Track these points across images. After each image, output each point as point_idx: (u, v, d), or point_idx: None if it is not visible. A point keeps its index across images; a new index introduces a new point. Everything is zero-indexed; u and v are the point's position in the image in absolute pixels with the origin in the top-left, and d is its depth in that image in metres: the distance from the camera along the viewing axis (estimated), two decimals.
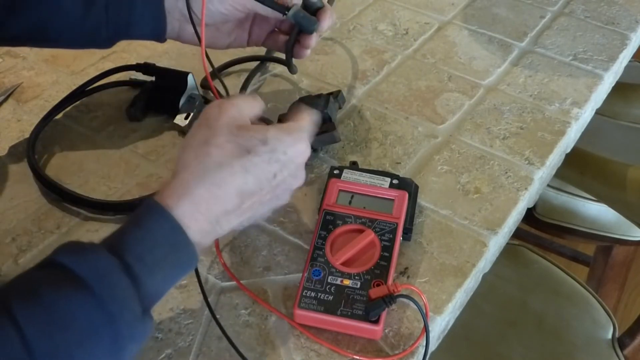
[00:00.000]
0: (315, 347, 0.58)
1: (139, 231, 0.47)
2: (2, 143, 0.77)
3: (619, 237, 1.22)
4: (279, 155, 0.53)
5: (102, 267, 0.45)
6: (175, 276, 0.49)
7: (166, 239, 0.48)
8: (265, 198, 0.53)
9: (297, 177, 0.56)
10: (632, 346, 1.02)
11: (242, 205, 0.52)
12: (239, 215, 0.52)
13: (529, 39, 0.95)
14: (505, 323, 1.02)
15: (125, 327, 0.44)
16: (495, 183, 0.73)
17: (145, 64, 0.83)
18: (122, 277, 0.45)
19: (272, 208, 0.56)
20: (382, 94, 0.84)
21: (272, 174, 0.53)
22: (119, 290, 0.45)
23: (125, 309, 0.44)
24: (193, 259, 0.50)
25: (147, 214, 0.48)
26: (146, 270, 0.46)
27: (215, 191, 0.50)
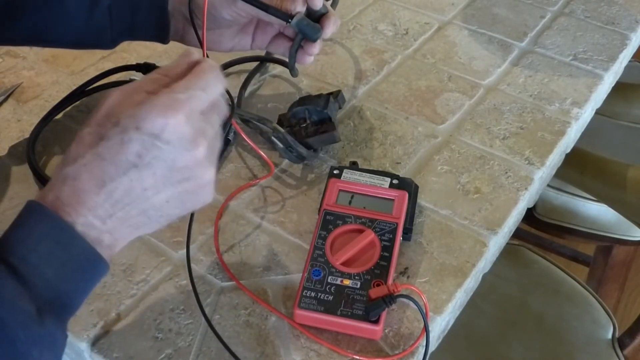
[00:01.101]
0: (315, 347, 0.58)
1: (21, 232, 0.46)
2: (2, 143, 0.77)
3: (619, 237, 1.22)
4: (132, 134, 0.46)
5: None
6: (74, 274, 0.47)
7: (48, 235, 0.46)
8: (147, 183, 0.48)
9: (179, 158, 0.48)
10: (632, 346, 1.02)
11: (113, 195, 0.47)
12: (123, 207, 0.48)
13: (529, 39, 0.95)
14: (505, 323, 1.02)
15: (19, 329, 0.43)
16: (495, 183, 0.73)
17: (145, 64, 0.83)
18: (6, 279, 0.44)
19: (186, 203, 0.51)
20: (382, 94, 0.84)
21: (133, 154, 0.47)
22: (5, 292, 0.43)
23: (15, 311, 0.43)
24: (90, 254, 0.47)
25: (26, 214, 0.47)
26: (32, 269, 0.45)
27: (76, 185, 0.47)
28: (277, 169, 0.74)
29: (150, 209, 0.49)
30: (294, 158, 0.73)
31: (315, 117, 0.74)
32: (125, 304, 0.61)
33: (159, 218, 0.50)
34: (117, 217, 0.48)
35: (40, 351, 0.45)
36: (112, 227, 0.48)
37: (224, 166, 0.74)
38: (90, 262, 0.48)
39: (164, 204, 0.50)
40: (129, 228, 0.50)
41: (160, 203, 0.49)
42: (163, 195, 0.49)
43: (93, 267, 0.48)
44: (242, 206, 0.70)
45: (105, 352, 0.58)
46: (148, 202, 0.49)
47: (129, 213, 0.48)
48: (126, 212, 0.48)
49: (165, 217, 0.51)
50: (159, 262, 0.65)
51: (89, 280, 0.49)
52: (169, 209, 0.50)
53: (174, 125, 0.47)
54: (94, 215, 0.47)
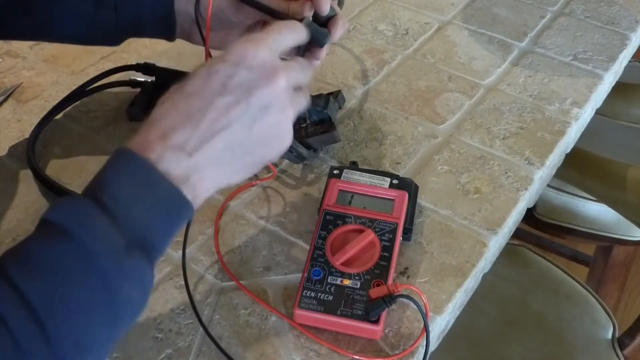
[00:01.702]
0: (315, 347, 0.58)
1: (110, 173, 0.48)
2: (2, 143, 0.77)
3: (619, 237, 1.22)
4: (217, 65, 0.51)
5: (76, 210, 0.45)
6: (160, 216, 0.48)
7: (136, 177, 0.47)
8: (231, 112, 0.50)
9: (260, 84, 0.51)
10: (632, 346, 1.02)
11: (199, 125, 0.49)
12: (209, 137, 0.49)
13: (529, 39, 0.95)
14: (505, 323, 1.02)
15: (109, 263, 0.44)
16: (495, 183, 0.73)
17: (145, 64, 0.83)
18: (97, 215, 0.45)
19: (268, 141, 0.53)
20: (382, 94, 0.85)
21: (218, 83, 0.50)
22: (96, 227, 0.45)
23: (106, 245, 0.44)
24: (176, 197, 0.48)
25: (115, 157, 0.49)
26: (121, 206, 0.46)
27: (163, 122, 0.49)
28: (277, 169, 0.74)
29: (235, 143, 0.50)
30: (293, 158, 0.73)
31: (315, 117, 0.74)
32: None
33: (243, 157, 0.51)
34: (204, 151, 0.49)
35: (131, 286, 0.45)
36: (199, 163, 0.49)
37: None
38: (176, 205, 0.48)
39: (247, 138, 0.51)
40: (215, 167, 0.50)
41: (244, 136, 0.51)
42: (246, 126, 0.50)
43: (178, 210, 0.49)
44: (242, 206, 0.70)
45: None
46: (233, 134, 0.50)
47: (215, 146, 0.49)
48: (212, 145, 0.49)
49: (250, 157, 0.52)
50: (159, 262, 0.65)
51: (174, 223, 0.49)
52: (252, 144, 0.51)
53: (254, 53, 0.51)
54: (181, 148, 0.48)
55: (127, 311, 0.46)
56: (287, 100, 0.53)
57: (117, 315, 0.45)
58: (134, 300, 0.46)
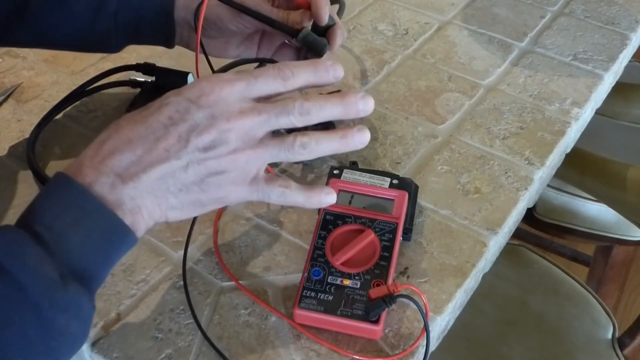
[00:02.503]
0: (315, 347, 0.58)
1: (46, 200, 0.47)
2: (2, 143, 0.77)
3: (619, 237, 1.22)
4: (171, 98, 0.49)
5: (8, 241, 0.44)
6: (99, 243, 0.47)
7: (73, 204, 0.46)
8: (169, 144, 0.48)
9: (207, 127, 0.48)
10: (632, 346, 1.02)
11: (136, 152, 0.48)
12: (144, 167, 0.48)
13: (529, 39, 0.95)
14: (505, 323, 1.02)
15: (42, 296, 0.43)
16: (495, 183, 0.73)
17: (145, 64, 0.83)
18: (30, 246, 0.44)
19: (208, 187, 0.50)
20: (382, 94, 0.85)
21: (166, 116, 0.48)
22: (28, 259, 0.43)
23: (38, 277, 0.43)
24: (115, 224, 0.47)
25: (53, 184, 0.47)
26: (55, 236, 0.45)
27: (103, 146, 0.48)
28: (277, 169, 0.74)
29: (171, 179, 0.48)
30: None
31: None
32: (125, 304, 0.61)
33: (180, 195, 0.49)
34: (138, 179, 0.47)
35: (67, 318, 0.44)
36: (134, 191, 0.47)
37: None
38: (114, 232, 0.47)
39: (184, 177, 0.49)
40: (151, 198, 0.48)
41: (181, 174, 0.49)
42: (183, 164, 0.48)
43: (117, 237, 0.47)
44: (242, 206, 0.70)
45: (105, 352, 0.58)
46: (170, 168, 0.48)
47: (150, 177, 0.48)
48: (147, 176, 0.48)
49: (187, 197, 0.50)
50: (159, 262, 0.65)
51: (112, 250, 0.48)
52: (189, 185, 0.49)
53: (210, 94, 0.48)
54: (116, 174, 0.47)
55: (65, 344, 0.45)
56: (237, 154, 0.49)
57: (54, 349, 0.45)
58: (72, 333, 0.45)
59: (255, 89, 0.50)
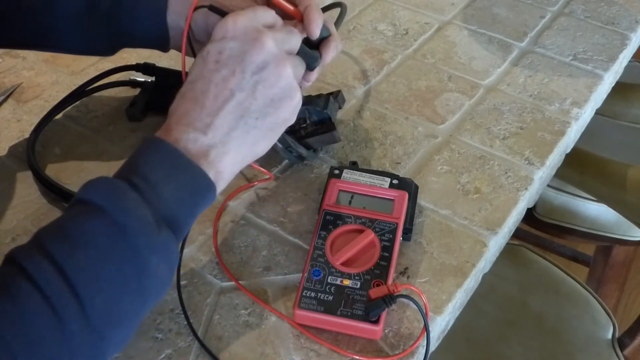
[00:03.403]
0: (315, 347, 0.58)
1: (141, 157, 0.51)
2: (2, 143, 0.77)
3: (619, 237, 1.22)
4: (208, 48, 0.54)
5: (109, 188, 0.48)
6: (185, 192, 0.51)
7: (165, 160, 0.51)
8: (230, 83, 0.53)
9: (248, 50, 0.54)
10: (632, 346, 1.02)
11: (205, 104, 0.53)
12: (217, 112, 0.53)
13: (529, 39, 0.95)
14: (505, 323, 1.02)
15: (140, 236, 0.47)
16: (495, 183, 0.73)
17: (145, 64, 0.83)
18: (128, 192, 0.48)
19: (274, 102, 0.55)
20: (382, 94, 0.85)
21: (212, 62, 0.53)
22: (127, 202, 0.47)
23: (136, 219, 0.47)
24: (196, 173, 0.51)
25: (143, 145, 0.52)
26: (150, 187, 0.49)
27: (177, 112, 0.53)
28: (277, 169, 0.74)
29: (244, 111, 0.53)
30: (293, 158, 0.73)
31: (315, 117, 0.74)
32: None
33: (257, 123, 0.54)
34: (215, 126, 0.52)
35: (159, 260, 0.48)
36: (214, 139, 0.52)
37: None
38: (200, 186, 0.51)
39: (254, 104, 0.53)
40: (233, 139, 0.53)
41: (251, 102, 0.53)
42: (249, 92, 0.53)
43: (202, 191, 0.52)
44: (242, 206, 0.70)
45: None
46: (239, 103, 0.53)
47: (226, 119, 0.53)
48: (222, 118, 0.52)
49: (265, 122, 0.54)
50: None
51: (198, 203, 0.52)
52: (262, 108, 0.54)
53: (233, 24, 0.54)
54: (195, 128, 0.52)
55: (154, 285, 0.48)
56: (280, 57, 0.55)
57: (146, 288, 0.48)
58: (161, 275, 0.48)
59: (260, 17, 0.56)
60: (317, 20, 0.66)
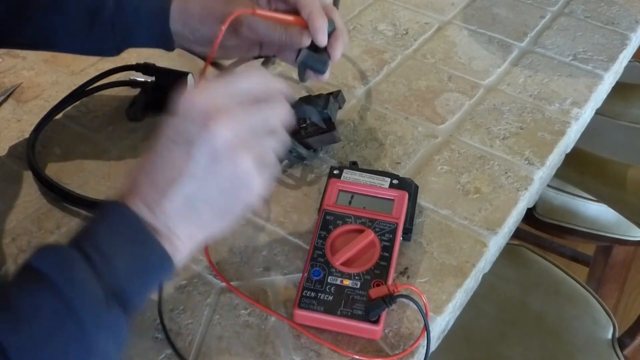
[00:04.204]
0: (315, 347, 0.58)
1: (97, 225, 0.48)
2: (2, 143, 0.77)
3: (619, 237, 1.22)
4: (168, 121, 0.49)
5: (60, 258, 0.46)
6: (142, 269, 0.48)
7: (121, 230, 0.48)
8: (178, 163, 0.48)
9: (196, 132, 0.48)
10: (632, 346, 1.02)
11: (153, 178, 0.49)
12: (163, 192, 0.48)
13: (529, 39, 0.95)
14: (505, 323, 1.02)
15: (87, 312, 0.44)
16: (495, 183, 0.73)
17: (145, 64, 0.83)
18: (79, 263, 0.45)
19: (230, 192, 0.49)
20: (382, 94, 0.84)
21: (166, 137, 0.49)
22: (76, 276, 0.45)
23: (84, 294, 0.44)
24: (154, 246, 0.48)
25: (104, 210, 0.49)
26: (104, 259, 0.46)
27: (132, 176, 0.50)
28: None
29: (195, 196, 0.49)
30: (293, 158, 0.73)
31: (315, 117, 0.74)
32: None
33: (209, 209, 0.50)
34: (164, 206, 0.48)
35: (106, 339, 0.45)
36: (164, 217, 0.48)
37: None
38: (157, 260, 0.48)
39: (205, 190, 0.49)
40: (184, 219, 0.49)
41: (201, 188, 0.49)
42: (200, 178, 0.48)
43: (159, 265, 0.48)
44: None
45: None
46: (189, 186, 0.48)
47: (175, 202, 0.48)
48: (171, 202, 0.48)
49: (217, 209, 0.50)
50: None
51: (153, 278, 0.49)
52: (214, 196, 0.49)
53: (190, 102, 0.49)
54: (146, 204, 0.48)
55: None
56: (236, 146, 0.48)
57: None
58: (108, 354, 0.45)
59: (231, 89, 0.50)
60: (322, 26, 0.65)
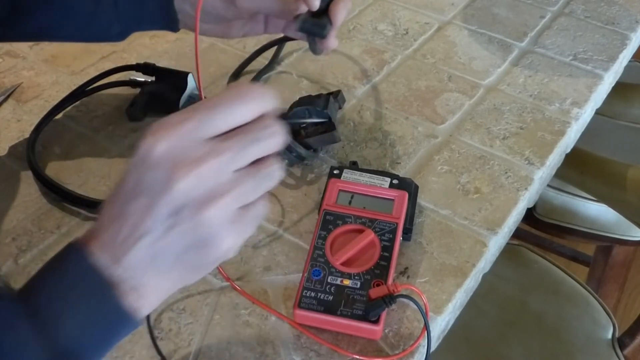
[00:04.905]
0: (315, 347, 0.58)
1: (52, 274, 0.44)
2: (2, 143, 0.77)
3: (619, 237, 1.22)
4: (131, 163, 0.44)
5: (2, 314, 0.42)
6: (98, 327, 0.43)
7: (76, 283, 0.43)
8: (139, 216, 0.43)
9: (164, 191, 0.42)
10: (632, 346, 1.02)
11: (114, 229, 0.44)
12: (125, 242, 0.43)
13: (529, 39, 0.95)
14: (505, 323, 1.02)
15: None
16: (495, 183, 0.73)
17: (145, 64, 0.83)
18: (22, 321, 0.42)
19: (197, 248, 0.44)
20: (382, 94, 0.84)
21: (131, 184, 0.43)
22: (18, 337, 0.41)
23: (25, 356, 0.41)
24: (112, 306, 0.43)
25: (63, 256, 0.44)
26: (53, 315, 0.42)
27: (96, 223, 0.45)
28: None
29: (160, 250, 0.44)
30: (293, 158, 0.73)
31: (315, 117, 0.74)
32: None
33: (176, 264, 0.44)
34: (126, 263, 0.43)
35: None
36: (126, 272, 0.44)
37: None
38: (115, 316, 0.44)
39: (170, 246, 0.43)
40: (148, 273, 0.44)
41: (166, 243, 0.43)
42: (163, 232, 0.43)
43: (117, 321, 0.44)
44: None
45: None
46: (153, 240, 0.43)
47: (136, 257, 0.43)
48: (133, 257, 0.43)
49: (184, 264, 0.45)
50: None
51: (111, 335, 0.45)
52: (180, 252, 0.44)
53: (152, 148, 0.42)
54: (109, 255, 0.43)
55: None
56: (201, 201, 0.42)
57: None
58: None
59: (209, 126, 0.44)
60: None
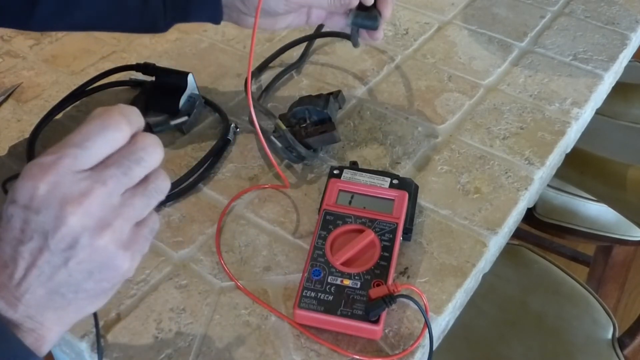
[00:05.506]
0: (315, 347, 0.58)
1: None
2: (2, 143, 0.77)
3: (619, 237, 1.22)
4: (11, 209, 0.43)
5: None
6: None
7: None
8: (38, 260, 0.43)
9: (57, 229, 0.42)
10: (632, 346, 1.02)
11: (13, 276, 0.43)
12: (27, 287, 0.43)
13: (529, 39, 0.95)
14: (505, 323, 1.02)
15: None
16: (495, 183, 0.73)
17: (145, 64, 0.83)
18: None
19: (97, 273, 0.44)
20: (382, 94, 0.84)
21: (17, 230, 0.43)
22: None
23: None
24: (12, 346, 0.43)
25: None
26: None
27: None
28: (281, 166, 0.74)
29: (59, 285, 0.44)
30: (293, 158, 0.73)
31: (315, 117, 0.74)
32: (125, 304, 0.61)
33: (78, 294, 0.45)
34: (25, 298, 0.44)
35: None
36: (28, 310, 0.44)
37: (224, 166, 0.74)
38: (18, 357, 0.44)
39: (70, 278, 0.44)
40: (48, 308, 0.45)
41: (65, 277, 0.44)
42: (60, 267, 0.43)
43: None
44: (242, 206, 0.70)
45: (105, 352, 0.58)
46: (50, 277, 0.43)
47: (36, 295, 0.44)
48: (32, 295, 0.44)
49: (86, 293, 0.45)
50: (159, 262, 0.65)
51: None
52: (80, 281, 0.44)
53: (34, 192, 0.42)
54: (6, 300, 0.43)
55: None
56: (96, 227, 0.43)
57: None
58: None
59: (86, 158, 0.44)
60: None
